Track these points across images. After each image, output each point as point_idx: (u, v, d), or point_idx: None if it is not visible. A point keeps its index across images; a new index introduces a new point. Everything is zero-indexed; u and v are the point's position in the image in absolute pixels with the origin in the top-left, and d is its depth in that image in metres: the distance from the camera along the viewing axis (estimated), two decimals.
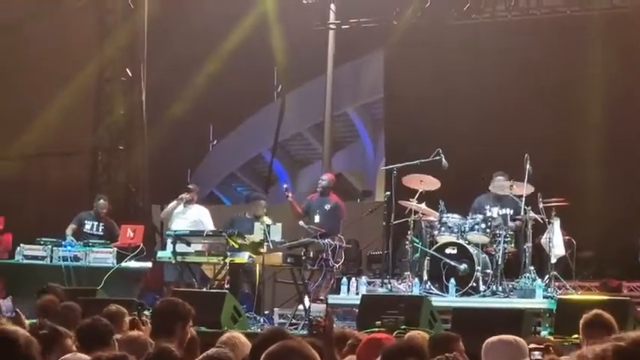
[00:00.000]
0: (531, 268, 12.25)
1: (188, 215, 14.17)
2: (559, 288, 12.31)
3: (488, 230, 12.50)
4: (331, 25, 18.10)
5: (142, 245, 13.78)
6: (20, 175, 17.34)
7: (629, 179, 14.95)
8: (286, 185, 15.09)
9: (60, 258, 13.58)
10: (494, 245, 12.48)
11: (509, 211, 12.87)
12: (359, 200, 21.24)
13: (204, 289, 12.22)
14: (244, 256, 12.26)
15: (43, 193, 17.09)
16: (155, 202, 17.28)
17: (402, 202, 12.85)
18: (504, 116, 15.59)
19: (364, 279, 13.02)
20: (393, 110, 17.82)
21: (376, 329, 9.25)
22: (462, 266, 12.23)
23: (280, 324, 12.17)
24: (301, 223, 13.39)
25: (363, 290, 12.47)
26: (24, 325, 6.87)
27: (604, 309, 6.77)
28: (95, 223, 14.61)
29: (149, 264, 13.82)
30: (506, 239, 12.45)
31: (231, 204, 22.97)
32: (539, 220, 12.39)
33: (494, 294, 12.14)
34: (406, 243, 12.87)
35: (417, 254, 12.77)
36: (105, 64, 17.68)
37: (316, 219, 13.37)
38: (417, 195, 12.72)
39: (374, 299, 11.38)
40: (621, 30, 15.35)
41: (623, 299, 10.78)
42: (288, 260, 12.37)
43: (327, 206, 13.52)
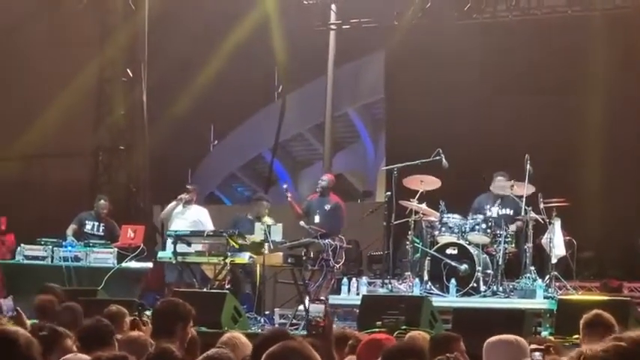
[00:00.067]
0: (532, 268, 12.24)
1: (187, 215, 14.16)
2: (560, 288, 12.30)
3: (488, 230, 12.50)
4: (332, 26, 18.10)
5: (142, 245, 13.76)
6: (21, 176, 17.35)
7: (629, 179, 14.94)
8: (286, 185, 15.07)
9: (60, 258, 13.56)
10: (494, 245, 12.47)
11: (509, 212, 12.87)
12: (359, 201, 21.24)
13: (204, 289, 12.22)
14: (245, 257, 12.26)
15: (43, 193, 17.09)
16: (156, 202, 17.26)
17: (402, 203, 12.85)
18: (505, 116, 15.57)
19: (365, 279, 13.02)
20: (393, 110, 17.81)
21: (377, 329, 9.25)
22: (463, 266, 12.22)
23: (281, 324, 12.16)
24: (302, 223, 13.39)
25: (363, 290, 12.47)
26: (25, 325, 6.86)
27: (605, 309, 6.77)
28: (96, 223, 14.59)
29: (150, 264, 13.81)
30: (507, 239, 12.44)
31: (232, 204, 22.95)
32: (539, 221, 12.38)
33: (494, 294, 12.14)
34: (407, 243, 12.86)
35: (418, 254, 12.76)
36: (105, 64, 17.68)
37: (316, 219, 13.36)
38: (418, 195, 12.71)
39: (374, 299, 11.38)
40: (622, 30, 15.35)
41: (623, 300, 10.77)
42: (288, 260, 12.36)
43: (327, 206, 13.51)
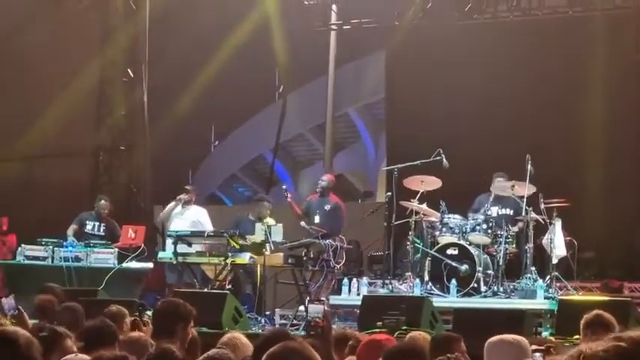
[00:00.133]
0: (532, 268, 12.23)
1: (186, 216, 14.17)
2: (560, 289, 12.30)
3: (489, 231, 12.49)
4: (333, 26, 18.10)
5: (143, 246, 13.76)
6: (22, 176, 17.35)
7: (630, 179, 14.93)
8: (285, 186, 15.07)
9: (61, 258, 13.55)
10: (495, 246, 12.47)
11: (509, 212, 12.87)
12: (360, 201, 21.23)
13: (205, 289, 12.22)
14: (245, 257, 12.26)
15: (44, 193, 17.08)
16: (156, 202, 17.25)
17: (403, 203, 12.84)
18: (506, 117, 15.57)
19: (365, 280, 13.01)
20: (394, 111, 17.80)
21: (377, 330, 9.24)
22: (463, 267, 12.22)
23: (281, 325, 12.16)
24: (303, 223, 13.39)
25: (364, 291, 12.46)
26: (27, 324, 6.87)
27: (605, 310, 6.77)
28: (96, 223, 14.59)
29: (150, 264, 13.81)
30: (508, 240, 12.44)
31: (233, 204, 22.95)
32: (540, 221, 12.38)
33: (495, 295, 12.13)
34: (407, 244, 12.86)
35: (418, 255, 12.76)
36: (106, 64, 17.67)
37: (316, 219, 13.36)
38: (418, 195, 12.71)
39: (375, 300, 11.37)
40: (623, 30, 15.34)
41: (624, 300, 10.78)
42: (289, 261, 12.37)
43: (327, 207, 13.51)
